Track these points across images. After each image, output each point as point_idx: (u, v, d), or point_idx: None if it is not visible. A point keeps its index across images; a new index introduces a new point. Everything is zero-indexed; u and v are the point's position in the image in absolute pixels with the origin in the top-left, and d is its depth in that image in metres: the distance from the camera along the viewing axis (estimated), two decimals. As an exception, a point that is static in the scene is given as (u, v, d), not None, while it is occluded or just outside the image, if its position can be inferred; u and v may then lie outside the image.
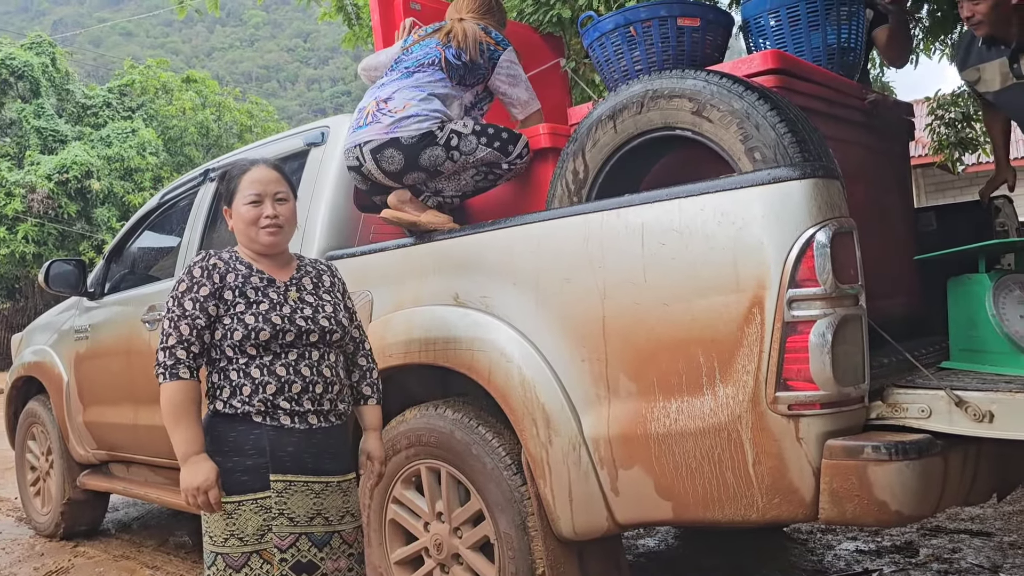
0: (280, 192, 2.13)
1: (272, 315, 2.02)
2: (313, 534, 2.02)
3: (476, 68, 2.86)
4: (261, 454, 1.98)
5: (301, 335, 2.05)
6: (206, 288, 2.01)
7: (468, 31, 2.84)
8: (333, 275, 2.27)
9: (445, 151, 2.69)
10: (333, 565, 2.04)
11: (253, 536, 1.96)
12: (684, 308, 1.98)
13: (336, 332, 2.12)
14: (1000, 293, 2.09)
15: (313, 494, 2.03)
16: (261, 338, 1.99)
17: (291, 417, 2.01)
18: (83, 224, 19.62)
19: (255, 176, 2.12)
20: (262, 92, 51.14)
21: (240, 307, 2.02)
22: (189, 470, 1.93)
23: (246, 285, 2.05)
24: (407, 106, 2.72)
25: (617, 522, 2.17)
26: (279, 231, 2.11)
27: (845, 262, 1.86)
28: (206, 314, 2.00)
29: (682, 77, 2.29)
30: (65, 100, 21.64)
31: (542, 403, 2.21)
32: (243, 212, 2.10)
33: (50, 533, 4.77)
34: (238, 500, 1.96)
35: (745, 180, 1.93)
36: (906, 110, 3.10)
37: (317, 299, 2.14)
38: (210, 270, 2.05)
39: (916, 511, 1.83)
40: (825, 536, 3.87)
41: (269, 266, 2.14)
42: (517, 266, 2.33)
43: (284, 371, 2.01)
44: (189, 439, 1.95)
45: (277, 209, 2.11)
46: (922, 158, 12.34)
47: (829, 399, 1.82)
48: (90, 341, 4.27)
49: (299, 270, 2.19)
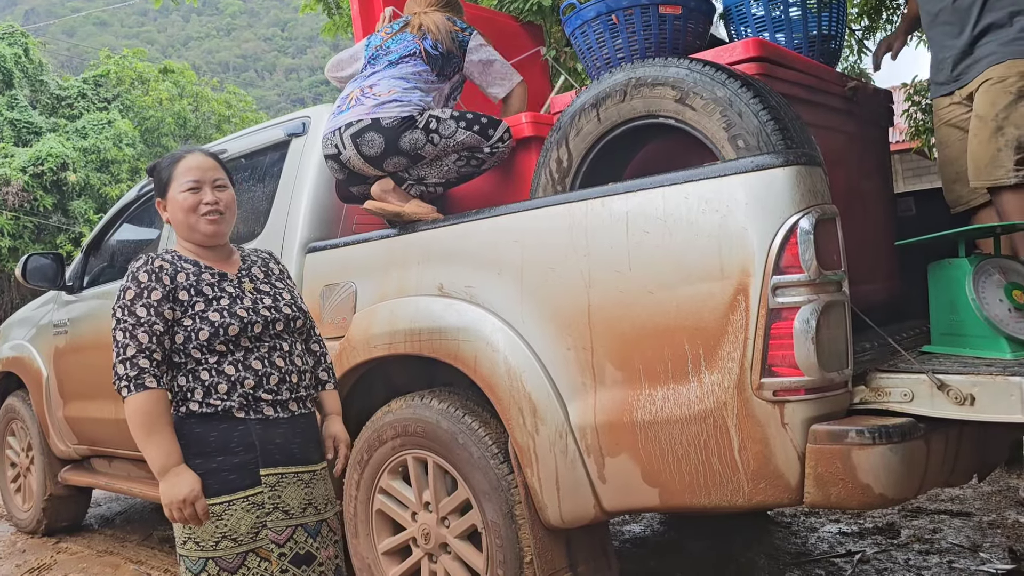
0: (219, 179, 2.04)
1: (236, 308, 1.96)
2: (307, 524, 1.99)
3: (451, 58, 2.89)
4: (249, 450, 1.93)
5: (268, 325, 1.99)
6: (157, 291, 1.91)
7: (438, 22, 2.85)
8: (277, 263, 2.20)
9: (425, 134, 2.69)
10: (325, 554, 2.03)
11: (247, 535, 1.90)
12: (669, 296, 1.99)
13: (299, 319, 2.09)
14: (980, 277, 2.11)
15: (303, 484, 2.00)
16: (231, 333, 1.93)
17: (274, 407, 1.97)
18: (59, 217, 19.36)
19: (191, 163, 2.03)
20: (240, 82, 50.68)
21: (200, 305, 1.93)
22: (170, 483, 1.84)
23: (200, 282, 1.97)
24: (392, 91, 2.74)
25: (604, 509, 2.18)
26: (220, 219, 2.02)
27: (828, 248, 1.87)
28: (163, 318, 1.90)
29: (665, 65, 2.29)
30: (39, 91, 21.31)
31: (528, 392, 2.22)
32: (180, 200, 2.00)
33: (32, 530, 4.74)
34: (228, 500, 1.89)
35: (728, 168, 1.93)
36: (885, 97, 3.12)
37: (272, 288, 2.09)
38: (158, 272, 1.94)
39: (900, 494, 1.85)
40: (808, 519, 3.92)
41: (214, 259, 2.05)
42: (502, 256, 2.33)
43: (260, 364, 1.96)
44: (164, 451, 1.85)
45: (217, 195, 2.02)
46: (900, 144, 12.44)
47: (813, 384, 1.84)
48: (69, 335, 4.23)
49: (244, 261, 2.12)
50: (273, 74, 74.87)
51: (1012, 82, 2.66)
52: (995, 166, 2.64)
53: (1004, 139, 2.63)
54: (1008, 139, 2.63)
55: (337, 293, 2.78)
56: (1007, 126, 2.64)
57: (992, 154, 2.65)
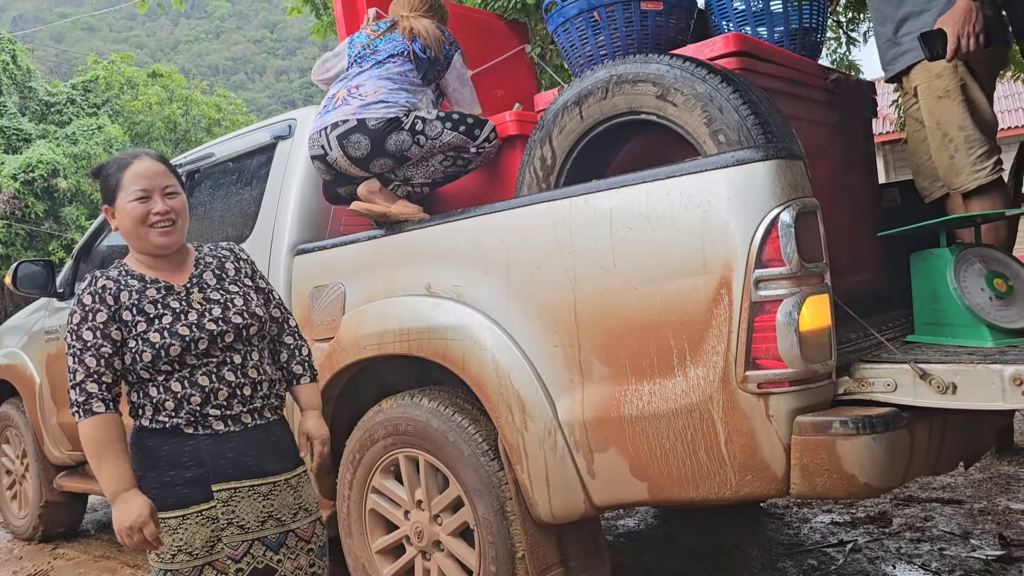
0: (169, 186, 1.94)
1: (178, 327, 1.87)
2: (266, 538, 1.91)
3: (436, 64, 2.90)
4: (200, 464, 1.86)
5: (215, 339, 1.89)
6: (103, 313, 1.84)
7: (429, 28, 2.86)
8: (237, 258, 2.08)
9: (411, 135, 2.70)
10: (292, 565, 1.95)
11: (202, 548, 1.85)
12: (653, 291, 2.00)
13: (253, 325, 1.97)
14: (961, 266, 2.13)
15: (261, 497, 1.91)
16: (172, 354, 1.84)
17: (223, 422, 1.89)
18: (51, 223, 19.31)
19: (139, 170, 1.92)
20: (230, 85, 50.57)
21: (141, 326, 1.85)
22: (120, 509, 1.77)
23: (142, 300, 1.88)
24: (378, 92, 2.74)
25: (594, 504, 2.19)
26: (172, 228, 1.92)
27: (810, 241, 1.89)
28: (110, 340, 1.84)
29: (646, 62, 2.31)
30: (28, 98, 21.24)
31: (516, 389, 2.23)
32: (129, 210, 1.90)
33: (28, 536, 4.74)
34: (182, 515, 1.84)
35: (710, 163, 1.95)
36: (868, 88, 3.14)
37: (224, 294, 1.97)
38: (101, 293, 1.87)
39: (884, 483, 1.87)
40: (801, 510, 3.94)
41: (164, 269, 1.96)
42: (488, 254, 2.34)
43: (207, 380, 1.88)
44: (115, 476, 1.78)
45: (168, 203, 1.92)
46: (889, 134, 12.46)
47: (797, 376, 1.85)
48: (61, 342, 4.22)
49: (197, 265, 2.01)
50: (263, 76, 74.73)
51: (936, 85, 2.62)
52: (953, 174, 2.63)
53: (953, 145, 2.60)
54: (956, 143, 2.60)
55: (326, 295, 2.79)
56: (949, 131, 2.61)
57: (946, 163, 2.63)
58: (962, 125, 2.59)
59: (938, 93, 2.63)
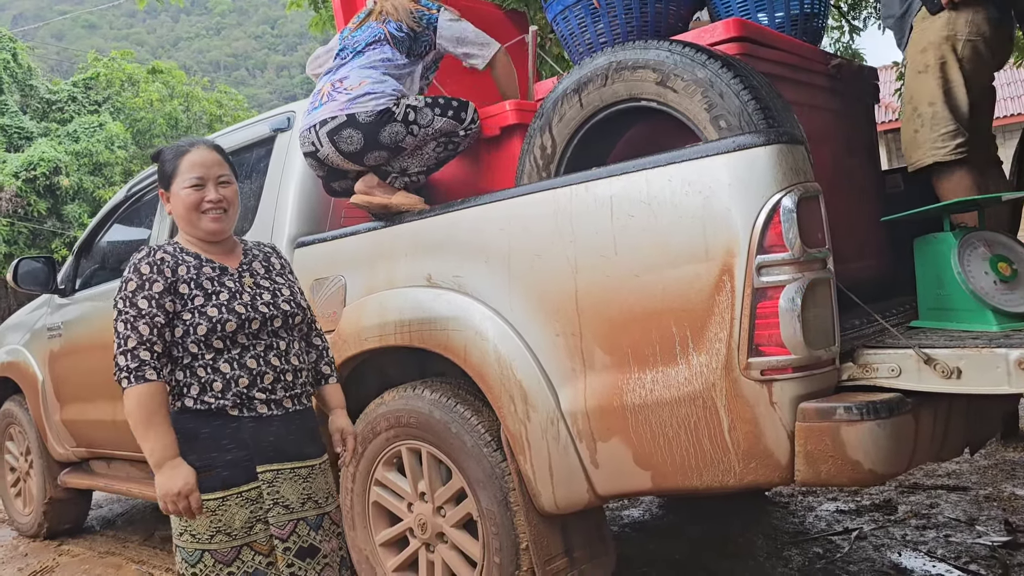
0: (223, 175, 2.02)
1: (235, 304, 1.94)
2: (308, 518, 1.99)
3: (419, 37, 2.84)
4: (242, 447, 1.92)
5: (266, 322, 1.98)
6: (159, 284, 1.90)
7: (397, 4, 2.83)
8: (279, 257, 2.19)
9: (404, 126, 2.67)
10: (328, 546, 2.03)
11: (241, 530, 1.91)
12: (655, 279, 1.99)
13: (298, 314, 2.07)
14: (965, 251, 2.11)
15: (301, 479, 1.99)
16: (227, 329, 1.91)
17: (268, 406, 1.96)
18: (54, 221, 19.33)
19: (195, 158, 2.00)
20: (231, 81, 50.51)
21: (199, 300, 1.92)
22: (165, 475, 1.84)
23: (200, 276, 1.96)
24: (363, 83, 2.69)
25: (598, 494, 2.18)
26: (223, 216, 2.01)
27: (812, 226, 1.87)
28: (163, 311, 1.89)
29: (645, 48, 2.29)
30: (29, 96, 21.24)
31: (519, 379, 2.22)
32: (183, 196, 1.98)
33: (33, 533, 4.74)
34: (222, 496, 1.90)
35: (710, 149, 1.93)
36: (870, 74, 3.12)
37: (272, 283, 2.07)
38: (159, 264, 1.93)
39: (889, 469, 1.86)
40: (806, 498, 3.93)
41: (216, 253, 2.04)
42: (488, 244, 2.32)
43: (255, 363, 1.95)
44: (162, 444, 1.85)
45: (221, 192, 2.00)
46: (893, 122, 12.41)
47: (801, 363, 1.84)
48: (63, 338, 4.22)
49: (246, 255, 2.10)
50: (264, 72, 74.64)
51: (918, 59, 2.63)
52: (913, 148, 2.63)
53: (920, 119, 2.60)
54: (924, 118, 2.59)
55: (327, 287, 2.78)
56: (919, 105, 2.61)
57: (910, 136, 2.64)
58: (932, 101, 2.59)
59: (918, 68, 2.64)
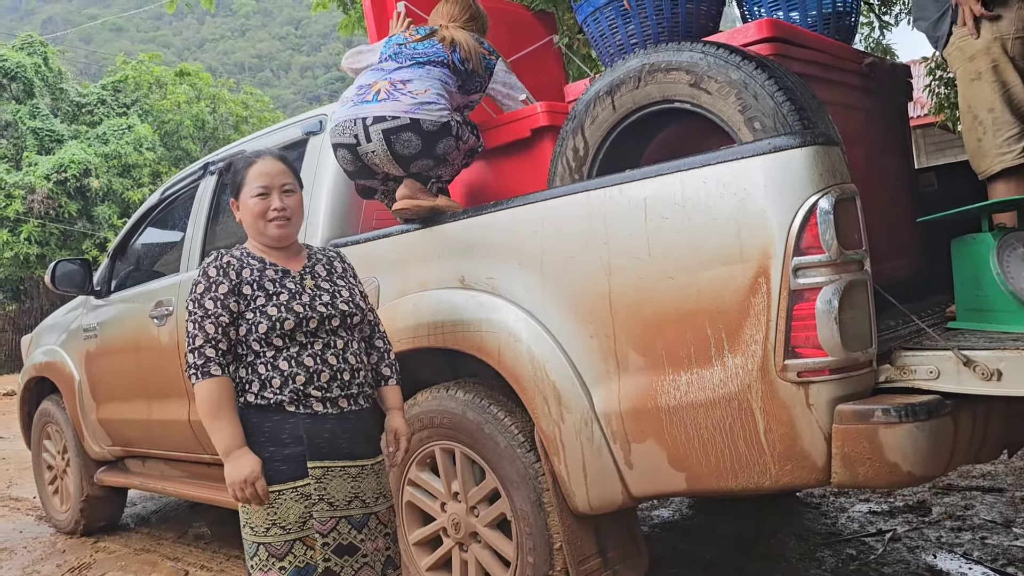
0: (287, 184, 2.15)
1: (293, 304, 2.05)
2: (352, 517, 2.05)
3: (475, 77, 2.87)
4: (298, 442, 2.01)
5: (323, 321, 2.07)
6: (224, 285, 2.03)
7: (469, 41, 2.84)
8: (343, 261, 2.29)
9: (455, 141, 2.70)
10: (372, 545, 2.08)
11: (295, 524, 1.98)
12: (689, 281, 1.99)
13: (356, 315, 2.15)
14: (1004, 251, 2.09)
15: (350, 478, 2.06)
16: (286, 327, 2.02)
17: (323, 404, 2.04)
18: (84, 223, 19.63)
19: (261, 168, 2.13)
20: (256, 82, 50.95)
21: (260, 300, 2.04)
22: (233, 464, 1.96)
23: (263, 278, 2.08)
24: (427, 91, 2.67)
25: (632, 495, 2.19)
26: (287, 223, 2.13)
27: (849, 228, 1.86)
28: (228, 311, 2.02)
29: (679, 50, 2.28)
30: (59, 99, 21.59)
31: (552, 381, 2.23)
32: (251, 205, 2.12)
33: (70, 530, 4.83)
34: (279, 489, 1.99)
35: (746, 150, 1.93)
36: (903, 72, 3.09)
37: (332, 285, 2.17)
38: (225, 268, 2.06)
39: (927, 471, 1.84)
40: (838, 499, 3.90)
41: (280, 257, 2.16)
42: (522, 246, 2.34)
43: (312, 361, 2.04)
44: (230, 434, 1.97)
45: (284, 201, 2.12)
46: (922, 118, 12.27)
47: (838, 365, 1.83)
48: (99, 339, 4.29)
49: (310, 259, 2.21)
50: (289, 73, 75.21)
51: (969, 68, 2.60)
52: (979, 157, 2.61)
53: (981, 127, 2.59)
54: (985, 125, 2.58)
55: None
56: (979, 113, 2.60)
57: (974, 146, 2.62)
58: (991, 107, 2.57)
59: (971, 76, 2.61)
